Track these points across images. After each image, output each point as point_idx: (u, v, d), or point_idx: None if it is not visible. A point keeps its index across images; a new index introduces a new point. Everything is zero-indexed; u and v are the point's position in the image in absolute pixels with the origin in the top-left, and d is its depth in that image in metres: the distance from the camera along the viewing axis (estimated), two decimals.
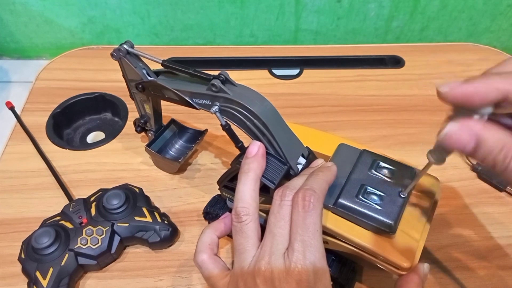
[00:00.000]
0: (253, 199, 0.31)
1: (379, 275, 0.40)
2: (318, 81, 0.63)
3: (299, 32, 0.97)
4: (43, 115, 0.55)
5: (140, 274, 0.41)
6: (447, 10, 0.93)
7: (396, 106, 0.59)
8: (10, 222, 0.44)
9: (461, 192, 0.48)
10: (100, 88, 0.59)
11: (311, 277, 0.27)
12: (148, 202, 0.44)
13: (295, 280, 0.27)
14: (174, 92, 0.38)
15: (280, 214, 0.30)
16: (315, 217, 0.28)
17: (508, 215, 0.46)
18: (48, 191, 0.47)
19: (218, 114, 0.36)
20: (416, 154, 0.51)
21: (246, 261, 0.29)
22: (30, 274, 0.38)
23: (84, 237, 0.39)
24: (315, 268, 0.27)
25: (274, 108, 0.35)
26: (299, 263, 0.27)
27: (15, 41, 1.05)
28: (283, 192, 0.31)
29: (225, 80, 0.36)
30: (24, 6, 0.95)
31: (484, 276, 0.41)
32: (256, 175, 0.31)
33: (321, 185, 0.30)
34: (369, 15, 0.93)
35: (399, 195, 0.33)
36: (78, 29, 0.99)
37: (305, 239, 0.28)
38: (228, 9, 0.92)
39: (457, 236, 0.44)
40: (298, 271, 0.27)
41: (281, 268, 0.27)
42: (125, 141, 0.53)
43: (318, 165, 0.35)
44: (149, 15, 0.94)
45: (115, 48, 0.41)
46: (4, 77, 1.06)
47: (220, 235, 0.34)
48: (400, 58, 0.68)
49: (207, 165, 0.51)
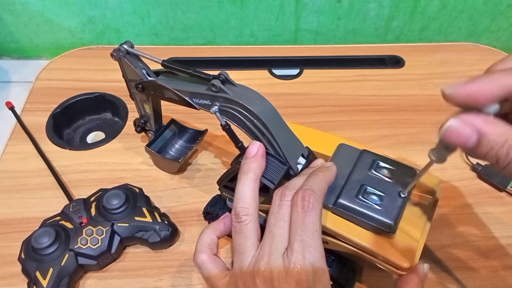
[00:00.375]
0: (252, 199, 0.31)
1: (379, 275, 0.40)
2: (318, 81, 0.63)
3: (299, 32, 0.97)
4: (43, 115, 0.55)
5: (140, 274, 0.41)
6: (447, 10, 0.93)
7: (396, 106, 0.59)
8: (10, 222, 0.44)
9: (461, 192, 0.48)
10: (100, 88, 0.59)
11: (310, 277, 0.27)
12: (148, 202, 0.44)
13: (294, 280, 0.27)
14: (174, 92, 0.38)
15: (280, 214, 0.30)
16: (314, 217, 0.28)
17: (508, 215, 0.46)
18: (48, 191, 0.47)
19: (218, 114, 0.36)
20: (416, 154, 0.51)
21: (245, 261, 0.29)
22: (30, 274, 0.38)
23: (84, 237, 0.39)
24: (314, 268, 0.27)
25: (274, 108, 0.35)
26: (298, 263, 0.27)
27: (15, 41, 1.05)
28: (282, 192, 0.31)
29: (225, 80, 0.36)
30: (24, 6, 0.95)
31: (484, 276, 0.41)
32: (255, 175, 0.31)
33: (320, 185, 0.30)
34: (369, 15, 0.93)
35: (399, 195, 0.33)
36: (78, 29, 0.99)
37: (304, 239, 0.28)
38: (228, 9, 0.92)
39: (457, 236, 0.44)
40: (297, 271, 0.27)
41: (280, 268, 0.27)
42: (125, 141, 0.53)
43: (318, 165, 0.35)
44: (149, 15, 0.94)
45: (115, 48, 0.41)
46: (4, 77, 1.06)
47: (219, 235, 0.34)
48: (400, 58, 0.68)
49: (207, 165, 0.51)
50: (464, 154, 0.52)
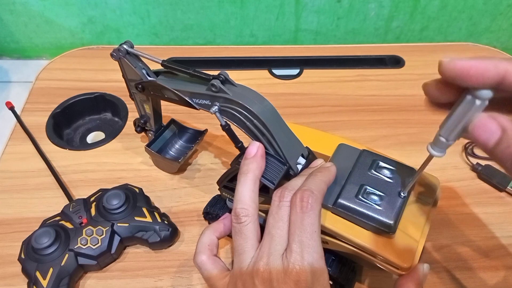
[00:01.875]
0: (252, 200, 0.31)
1: (379, 275, 0.40)
2: (318, 81, 0.63)
3: (299, 32, 0.97)
4: (43, 115, 0.55)
5: (140, 274, 0.41)
6: (447, 10, 0.93)
7: (396, 106, 0.59)
8: (10, 222, 0.44)
9: (461, 192, 0.48)
10: (100, 88, 0.59)
11: (309, 278, 0.27)
12: (148, 202, 0.44)
13: (293, 281, 0.27)
14: (174, 92, 0.38)
15: (279, 215, 0.30)
16: (313, 218, 0.28)
17: (508, 215, 0.46)
18: (48, 191, 0.47)
19: (218, 114, 0.36)
20: (416, 154, 0.51)
21: (245, 262, 0.29)
22: (30, 274, 0.38)
23: (84, 237, 0.39)
24: (313, 268, 0.27)
25: (274, 108, 0.35)
26: (297, 264, 0.27)
27: (15, 41, 1.05)
28: (281, 193, 0.31)
29: (225, 80, 0.35)
30: (24, 6, 0.95)
31: (484, 276, 0.41)
32: (255, 176, 0.31)
33: (319, 186, 0.30)
34: (369, 15, 0.93)
35: (399, 195, 0.33)
36: (78, 29, 0.99)
37: (303, 240, 0.28)
38: (228, 9, 0.92)
39: (457, 236, 0.44)
40: (296, 272, 0.27)
41: (279, 269, 0.27)
42: (125, 141, 0.53)
43: (317, 165, 0.35)
44: (149, 15, 0.94)
45: (114, 48, 0.41)
46: (4, 77, 1.06)
47: (219, 236, 0.34)
48: (400, 58, 0.68)
49: (207, 165, 0.51)
50: (464, 154, 0.52)
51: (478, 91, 0.23)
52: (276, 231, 0.29)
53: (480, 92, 0.23)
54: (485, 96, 0.23)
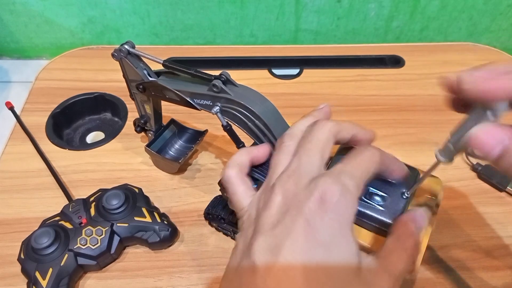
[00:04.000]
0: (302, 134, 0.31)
1: None
2: (318, 81, 0.63)
3: (299, 32, 0.97)
4: (42, 115, 0.55)
5: (140, 274, 0.41)
6: (447, 10, 0.93)
7: (396, 106, 0.59)
8: (10, 222, 0.44)
9: (461, 192, 0.48)
10: (100, 88, 0.59)
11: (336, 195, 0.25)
12: (147, 202, 0.44)
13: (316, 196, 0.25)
14: (175, 93, 0.38)
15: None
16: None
17: (508, 215, 0.46)
18: (47, 191, 0.47)
19: (219, 114, 0.36)
20: (416, 154, 0.51)
21: (276, 173, 0.29)
22: (30, 274, 0.38)
23: (84, 237, 0.39)
24: (343, 190, 0.26)
25: (276, 109, 0.35)
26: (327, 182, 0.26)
27: (15, 41, 1.05)
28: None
29: (226, 80, 0.35)
30: (24, 6, 0.95)
31: (484, 276, 0.41)
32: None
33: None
34: (369, 15, 0.93)
35: (402, 196, 0.33)
36: (78, 29, 0.99)
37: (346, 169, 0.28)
38: (228, 9, 0.92)
39: (458, 236, 0.44)
40: (323, 189, 0.25)
41: (305, 182, 0.27)
42: (125, 141, 0.53)
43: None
44: (149, 15, 0.94)
45: (116, 49, 0.41)
46: (4, 77, 1.06)
47: (251, 160, 0.32)
48: (400, 58, 0.68)
49: (207, 165, 0.51)
50: (464, 154, 0.52)
51: (496, 103, 0.22)
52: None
53: (496, 107, 0.22)
54: (501, 109, 0.22)
